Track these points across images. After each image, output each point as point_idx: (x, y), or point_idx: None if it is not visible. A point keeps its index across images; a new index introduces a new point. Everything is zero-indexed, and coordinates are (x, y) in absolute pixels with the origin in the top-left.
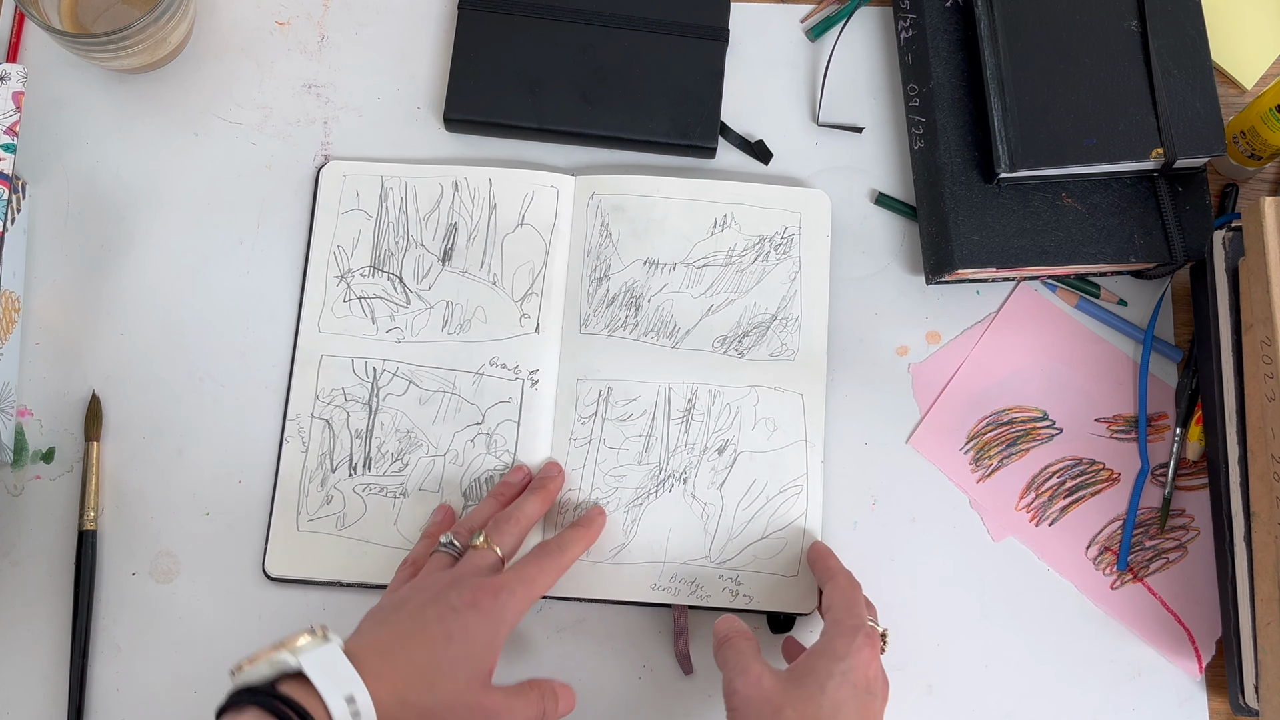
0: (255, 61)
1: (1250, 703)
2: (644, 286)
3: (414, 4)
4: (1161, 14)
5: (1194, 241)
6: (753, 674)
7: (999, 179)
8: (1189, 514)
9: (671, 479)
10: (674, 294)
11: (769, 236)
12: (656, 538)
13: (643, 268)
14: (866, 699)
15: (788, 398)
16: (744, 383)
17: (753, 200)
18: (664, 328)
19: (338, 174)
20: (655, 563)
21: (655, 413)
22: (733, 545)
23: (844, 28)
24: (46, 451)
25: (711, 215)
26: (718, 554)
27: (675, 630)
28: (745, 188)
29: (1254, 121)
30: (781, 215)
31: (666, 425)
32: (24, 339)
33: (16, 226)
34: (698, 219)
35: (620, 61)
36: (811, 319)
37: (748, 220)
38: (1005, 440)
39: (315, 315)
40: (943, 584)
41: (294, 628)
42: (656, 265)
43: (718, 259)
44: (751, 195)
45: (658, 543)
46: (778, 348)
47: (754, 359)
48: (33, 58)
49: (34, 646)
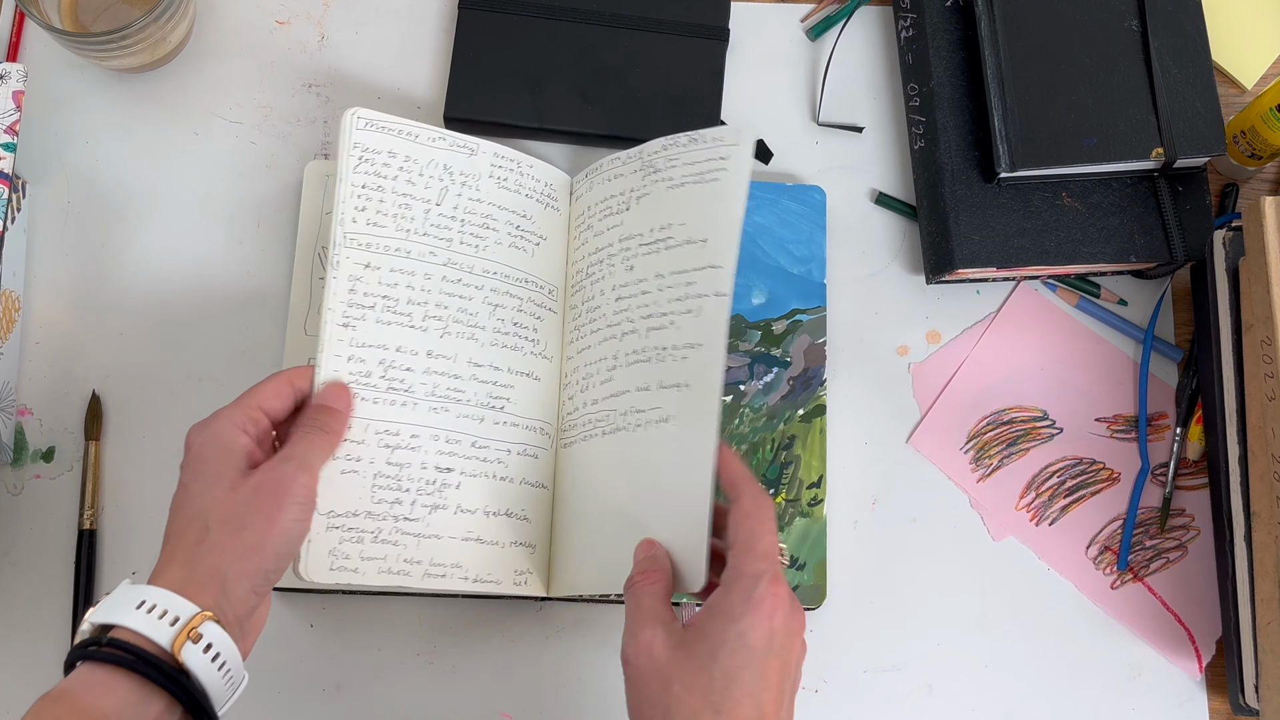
0: (255, 61)
1: (1250, 703)
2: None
3: (414, 4)
4: (1161, 14)
5: (1194, 241)
6: (643, 639)
7: (999, 179)
8: (1189, 514)
9: None
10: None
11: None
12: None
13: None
14: (765, 658)
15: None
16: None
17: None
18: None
19: (319, 175)
20: None
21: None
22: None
23: (844, 27)
24: (46, 451)
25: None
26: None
27: None
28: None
29: (1254, 121)
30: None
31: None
32: (24, 339)
33: (16, 226)
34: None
35: (620, 61)
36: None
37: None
38: (1005, 440)
39: (300, 319)
40: (943, 584)
41: (293, 627)
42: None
43: None
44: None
45: None
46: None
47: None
48: (33, 57)
49: (34, 646)
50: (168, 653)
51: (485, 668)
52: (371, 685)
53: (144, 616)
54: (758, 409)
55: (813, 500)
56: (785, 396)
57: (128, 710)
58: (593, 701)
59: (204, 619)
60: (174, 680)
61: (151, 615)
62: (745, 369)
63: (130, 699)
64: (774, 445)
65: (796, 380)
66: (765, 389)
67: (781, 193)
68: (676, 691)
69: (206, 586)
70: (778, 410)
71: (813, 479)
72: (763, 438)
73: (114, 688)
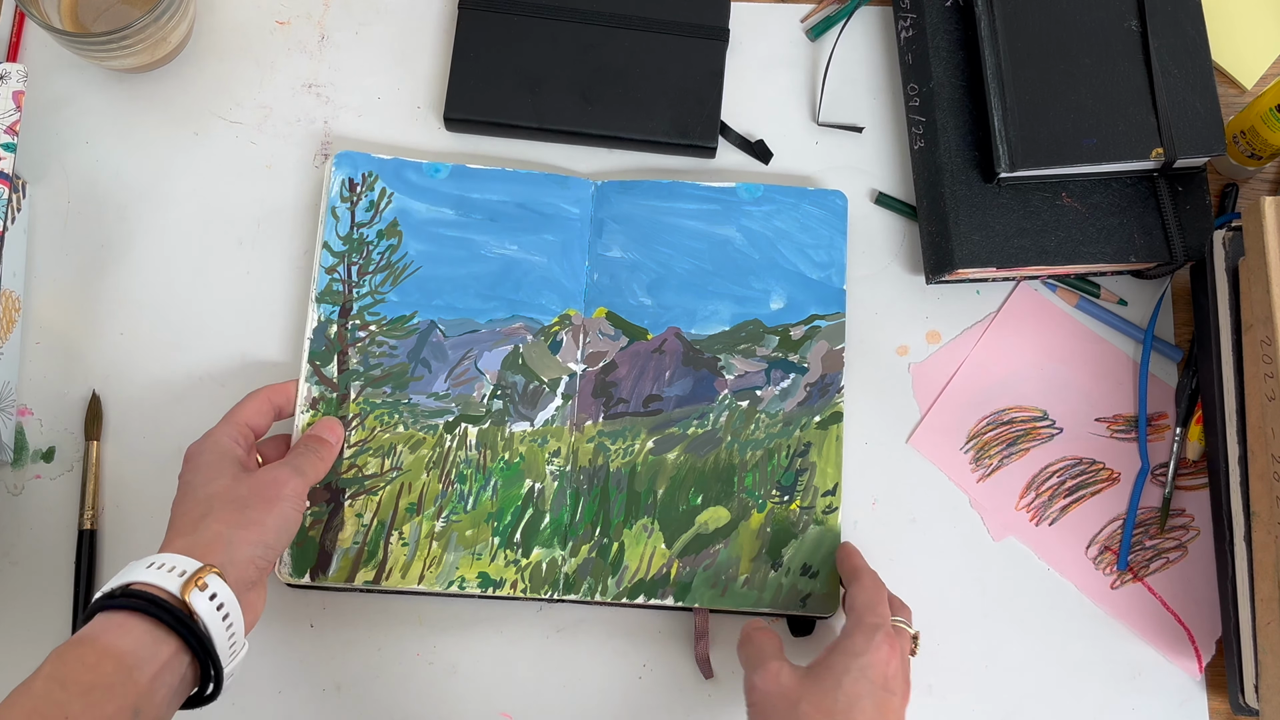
0: (255, 61)
1: (1250, 703)
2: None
3: (414, 4)
4: (1161, 14)
5: (1194, 241)
6: (770, 670)
7: (999, 179)
8: (1189, 514)
9: None
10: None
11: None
12: None
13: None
14: (884, 695)
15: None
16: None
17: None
18: None
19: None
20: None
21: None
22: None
23: (844, 27)
24: (46, 451)
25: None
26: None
27: (696, 634)
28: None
29: (1254, 121)
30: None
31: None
32: (24, 339)
33: (16, 226)
34: None
35: (620, 61)
36: None
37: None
38: (1005, 440)
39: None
40: (943, 584)
41: (294, 627)
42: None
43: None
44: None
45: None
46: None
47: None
48: (33, 58)
49: (34, 646)
50: (178, 598)
51: (485, 668)
52: (371, 685)
53: (155, 571)
54: (774, 415)
55: (827, 508)
56: (802, 403)
57: (142, 649)
58: (593, 701)
59: (209, 571)
60: (181, 622)
61: (161, 570)
62: (762, 374)
63: (144, 639)
64: (789, 452)
65: (814, 387)
66: (782, 395)
67: (803, 197)
68: (804, 709)
69: (211, 548)
70: (794, 416)
71: (828, 486)
72: (778, 444)
73: (130, 629)
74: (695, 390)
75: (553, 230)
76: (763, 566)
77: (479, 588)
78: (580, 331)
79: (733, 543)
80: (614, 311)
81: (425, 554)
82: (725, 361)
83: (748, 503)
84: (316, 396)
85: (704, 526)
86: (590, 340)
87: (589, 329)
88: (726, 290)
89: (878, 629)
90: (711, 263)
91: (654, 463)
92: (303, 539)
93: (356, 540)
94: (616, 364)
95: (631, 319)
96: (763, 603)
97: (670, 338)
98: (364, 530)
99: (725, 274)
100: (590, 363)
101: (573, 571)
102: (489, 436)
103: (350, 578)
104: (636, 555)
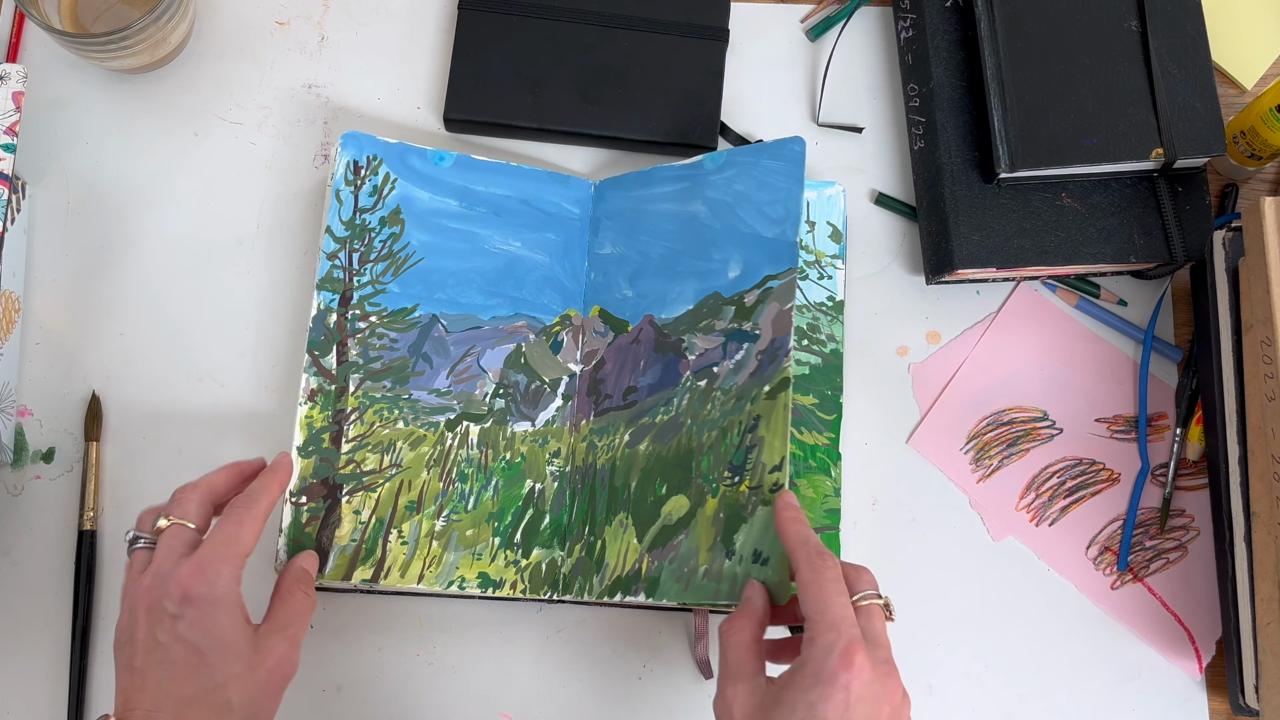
0: (255, 61)
1: (1250, 703)
2: None
3: (414, 4)
4: (1161, 14)
5: (1194, 241)
6: (727, 697)
7: (999, 179)
8: (1189, 514)
9: None
10: None
11: None
12: None
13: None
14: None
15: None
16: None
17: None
18: None
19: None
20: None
21: None
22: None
23: (844, 28)
24: (46, 451)
25: None
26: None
27: (695, 635)
28: None
29: (1254, 121)
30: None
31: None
32: (24, 339)
33: (16, 226)
34: None
35: (620, 61)
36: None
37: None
38: (1005, 440)
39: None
40: (943, 584)
41: None
42: None
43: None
44: None
45: None
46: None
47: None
48: (33, 58)
49: (34, 646)
50: None
51: (485, 668)
52: (371, 685)
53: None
54: (728, 391)
55: (774, 485)
56: (753, 374)
57: None
58: (593, 702)
59: None
60: None
61: None
62: (720, 349)
63: None
64: (740, 429)
65: (764, 355)
66: (736, 368)
67: (761, 152)
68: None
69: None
70: (746, 390)
71: (774, 462)
72: (730, 421)
73: None
74: (663, 376)
75: (554, 229)
76: (719, 555)
77: (479, 588)
78: (579, 332)
79: (692, 532)
80: (604, 308)
81: (425, 553)
82: (689, 342)
83: (703, 488)
84: (315, 388)
85: (668, 517)
86: (586, 340)
87: (586, 329)
88: (691, 267)
89: (830, 652)
90: (681, 242)
91: (629, 455)
92: (299, 536)
93: (354, 538)
94: (605, 360)
95: (616, 313)
96: (720, 595)
97: (645, 326)
98: (362, 528)
99: (692, 251)
100: (586, 362)
101: (569, 572)
102: (491, 435)
103: (347, 575)
104: (614, 552)
